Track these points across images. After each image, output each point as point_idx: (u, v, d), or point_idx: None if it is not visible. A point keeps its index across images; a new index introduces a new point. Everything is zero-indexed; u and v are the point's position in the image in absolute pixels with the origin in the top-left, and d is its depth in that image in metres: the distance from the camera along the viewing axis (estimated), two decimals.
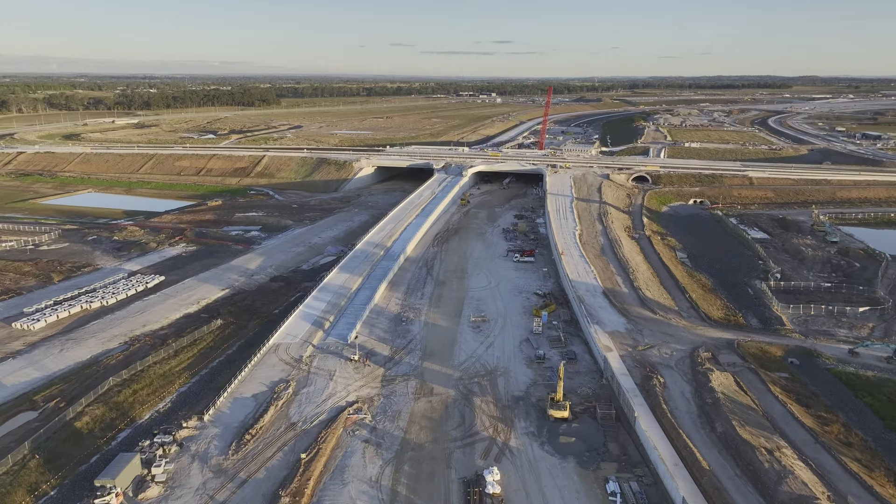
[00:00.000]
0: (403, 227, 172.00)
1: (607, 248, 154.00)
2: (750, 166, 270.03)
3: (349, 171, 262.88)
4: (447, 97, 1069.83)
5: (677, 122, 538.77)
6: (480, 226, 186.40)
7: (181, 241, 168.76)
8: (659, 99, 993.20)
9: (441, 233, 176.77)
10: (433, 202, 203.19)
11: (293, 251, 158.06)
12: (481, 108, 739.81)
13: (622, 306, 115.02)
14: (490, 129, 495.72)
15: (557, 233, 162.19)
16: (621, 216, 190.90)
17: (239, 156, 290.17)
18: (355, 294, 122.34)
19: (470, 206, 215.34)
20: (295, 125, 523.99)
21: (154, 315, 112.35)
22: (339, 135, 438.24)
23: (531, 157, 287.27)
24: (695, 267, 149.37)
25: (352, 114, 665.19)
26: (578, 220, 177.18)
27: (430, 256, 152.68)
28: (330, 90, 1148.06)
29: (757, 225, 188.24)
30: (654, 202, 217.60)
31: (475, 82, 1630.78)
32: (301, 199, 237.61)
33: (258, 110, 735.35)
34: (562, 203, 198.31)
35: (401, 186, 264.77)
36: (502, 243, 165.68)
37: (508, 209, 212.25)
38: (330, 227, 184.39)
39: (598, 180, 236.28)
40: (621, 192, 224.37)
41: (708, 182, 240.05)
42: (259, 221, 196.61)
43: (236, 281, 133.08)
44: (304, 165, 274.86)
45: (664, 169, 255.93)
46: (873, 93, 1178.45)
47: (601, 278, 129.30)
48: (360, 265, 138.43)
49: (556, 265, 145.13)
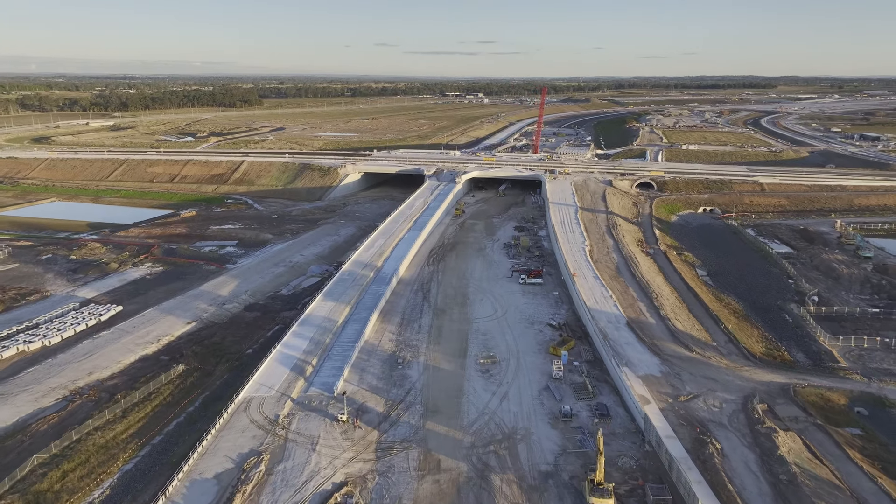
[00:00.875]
0: (395, 243, 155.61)
1: (623, 267, 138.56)
2: (757, 171, 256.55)
3: (334, 177, 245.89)
4: (433, 98, 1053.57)
5: (670, 124, 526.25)
6: (479, 240, 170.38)
7: (147, 261, 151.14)
8: (647, 99, 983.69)
9: (436, 248, 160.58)
10: (426, 213, 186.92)
11: (272, 272, 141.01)
12: (469, 109, 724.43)
13: (651, 341, 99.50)
14: (480, 131, 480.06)
15: (566, 249, 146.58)
16: (631, 228, 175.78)
17: (216, 161, 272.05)
18: (342, 328, 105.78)
19: (465, 217, 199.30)
20: (277, 127, 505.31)
21: (104, 359, 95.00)
22: (324, 137, 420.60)
23: (527, 161, 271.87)
24: (719, 287, 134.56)
25: (336, 115, 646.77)
26: (586, 234, 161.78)
27: (426, 278, 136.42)
28: (314, 90, 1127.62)
29: (777, 237, 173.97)
30: (662, 211, 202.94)
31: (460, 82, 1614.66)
32: (282, 209, 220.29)
33: (240, 111, 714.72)
34: (565, 214, 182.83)
35: (389, 194, 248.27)
36: (504, 261, 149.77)
37: (507, 220, 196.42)
38: (313, 243, 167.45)
39: (600, 187, 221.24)
40: (626, 200, 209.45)
41: (717, 189, 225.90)
42: (236, 235, 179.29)
43: (205, 311, 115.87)
44: (285, 172, 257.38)
45: (669, 174, 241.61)
46: (857, 93, 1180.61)
47: (622, 305, 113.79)
48: (348, 290, 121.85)
49: (567, 287, 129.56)
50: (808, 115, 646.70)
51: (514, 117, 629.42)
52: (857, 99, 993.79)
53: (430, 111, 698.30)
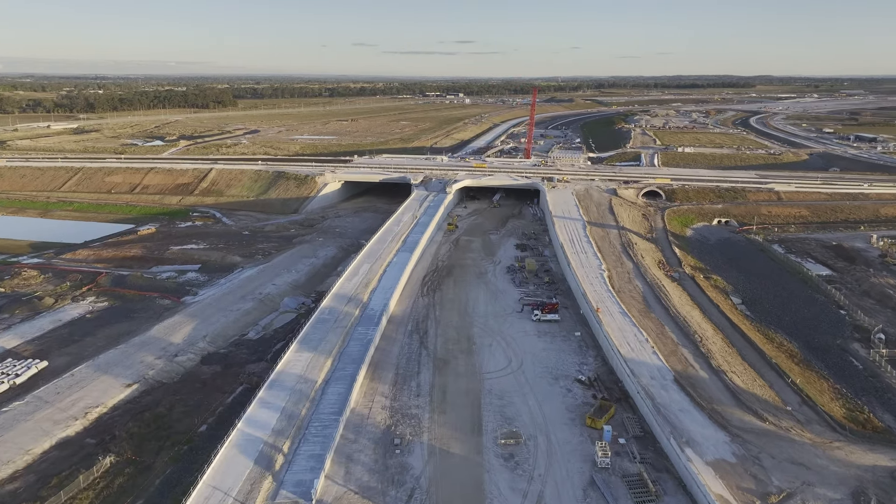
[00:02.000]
0: (382, 269, 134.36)
1: (651, 299, 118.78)
2: (768, 177, 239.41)
3: (311, 187, 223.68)
4: (413, 98, 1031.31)
5: (659, 125, 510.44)
6: (477, 261, 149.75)
7: (91, 293, 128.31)
8: (630, 99, 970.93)
9: (430, 274, 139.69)
10: (416, 230, 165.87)
11: (238, 308, 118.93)
12: (451, 110, 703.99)
13: (711, 406, 79.64)
14: (464, 133, 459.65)
15: (581, 276, 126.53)
16: (648, 246, 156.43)
17: (181, 169, 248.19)
18: (322, 391, 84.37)
19: (459, 233, 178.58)
20: (252, 129, 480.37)
21: (6, 447, 72.57)
22: (300, 140, 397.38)
23: (521, 168, 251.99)
24: (761, 319, 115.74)
25: (314, 116, 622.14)
26: (600, 255, 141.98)
27: (421, 313, 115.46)
28: (291, 91, 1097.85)
29: (809, 254, 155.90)
30: (675, 224, 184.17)
31: (440, 82, 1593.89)
32: (254, 224, 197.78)
33: (213, 113, 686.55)
34: (573, 229, 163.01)
35: (373, 204, 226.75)
36: (510, 289, 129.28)
37: (506, 235, 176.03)
38: (288, 268, 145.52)
39: (605, 197, 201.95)
40: (635, 211, 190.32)
41: (730, 198, 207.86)
42: (199, 258, 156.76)
43: (151, 367, 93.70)
44: (257, 181, 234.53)
45: (677, 182, 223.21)
46: (834, 92, 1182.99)
47: (663, 353, 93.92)
48: (328, 335, 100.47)
49: (589, 324, 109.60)
50: (795, 115, 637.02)
51: (498, 118, 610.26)
52: (837, 98, 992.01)
53: (412, 112, 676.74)
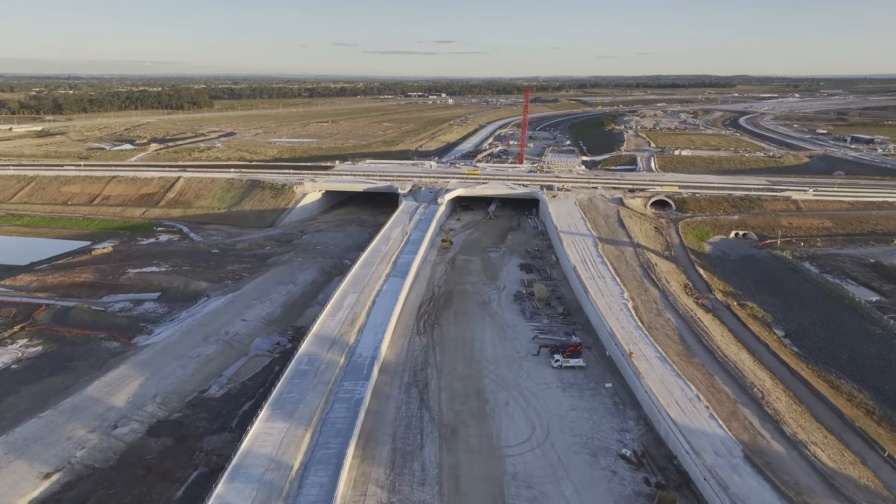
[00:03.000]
0: (371, 299, 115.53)
1: (688, 337, 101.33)
2: (780, 183, 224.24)
3: (289, 197, 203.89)
4: (395, 98, 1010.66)
5: (650, 126, 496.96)
6: (478, 287, 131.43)
7: (23, 334, 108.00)
8: (614, 99, 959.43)
9: (426, 303, 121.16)
10: (407, 249, 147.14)
11: (199, 354, 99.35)
12: (434, 110, 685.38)
13: (802, 500, 62.15)
14: (450, 135, 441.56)
15: (602, 306, 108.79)
16: (669, 267, 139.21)
17: (146, 178, 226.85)
18: (299, 482, 65.33)
19: (455, 250, 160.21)
20: (227, 132, 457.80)
21: None
22: (278, 144, 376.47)
23: (516, 174, 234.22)
24: (811, 356, 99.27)
25: (293, 117, 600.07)
26: (619, 279, 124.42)
27: (419, 358, 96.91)
28: (269, 91, 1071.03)
29: (846, 274, 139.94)
30: (691, 238, 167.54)
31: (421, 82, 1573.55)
32: (224, 240, 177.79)
33: (187, 114, 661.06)
34: (583, 247, 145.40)
35: (357, 216, 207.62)
36: (520, 323, 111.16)
37: (507, 253, 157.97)
38: (261, 297, 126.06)
39: (612, 208, 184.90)
40: (647, 224, 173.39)
41: (745, 207, 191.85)
42: (159, 284, 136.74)
43: (83, 443, 73.99)
44: (230, 191, 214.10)
45: (686, 189, 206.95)
46: (814, 92, 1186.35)
47: (721, 414, 76.33)
48: (308, 394, 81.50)
49: (619, 370, 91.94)
50: (783, 115, 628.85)
51: (483, 119, 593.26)
52: (819, 98, 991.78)
53: (394, 113, 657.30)
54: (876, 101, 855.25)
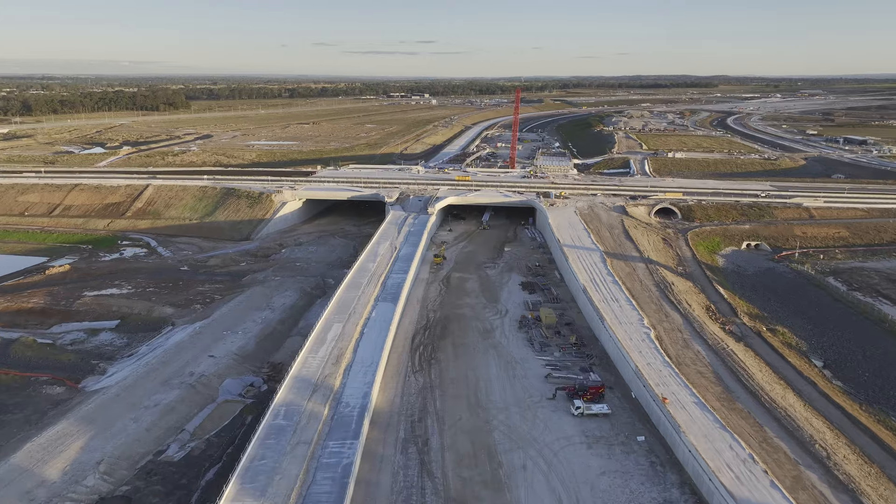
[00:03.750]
0: (358, 329, 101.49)
1: (724, 374, 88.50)
2: (787, 189, 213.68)
3: (267, 207, 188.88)
4: (377, 99, 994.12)
5: (639, 127, 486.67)
6: (478, 311, 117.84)
7: None
8: (598, 100, 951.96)
9: (420, 332, 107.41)
10: (397, 267, 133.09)
11: (157, 402, 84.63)
12: (418, 111, 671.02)
13: None
14: (435, 137, 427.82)
15: (622, 337, 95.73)
16: (686, 286, 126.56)
17: (112, 185, 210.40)
18: None
19: (448, 267, 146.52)
20: (204, 134, 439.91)
21: None
22: (257, 147, 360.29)
23: (509, 180, 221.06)
24: (860, 393, 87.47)
25: (273, 119, 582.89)
26: (636, 302, 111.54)
27: (416, 405, 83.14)
28: (249, 91, 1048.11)
29: (877, 291, 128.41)
30: (702, 250, 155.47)
31: (402, 82, 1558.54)
32: (196, 255, 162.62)
33: (163, 116, 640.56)
34: (590, 263, 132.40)
35: (340, 227, 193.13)
36: (529, 357, 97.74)
37: (506, 269, 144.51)
38: (233, 325, 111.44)
39: (614, 218, 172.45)
40: (654, 236, 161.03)
41: (755, 216, 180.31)
42: (119, 309, 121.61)
43: None
44: (202, 200, 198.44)
45: (691, 197, 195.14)
46: (794, 92, 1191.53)
47: (784, 482, 63.41)
48: (284, 461, 67.34)
49: (649, 418, 78.93)
50: (770, 115, 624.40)
51: (468, 120, 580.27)
52: (801, 98, 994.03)
53: (377, 114, 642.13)
54: (857, 102, 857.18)
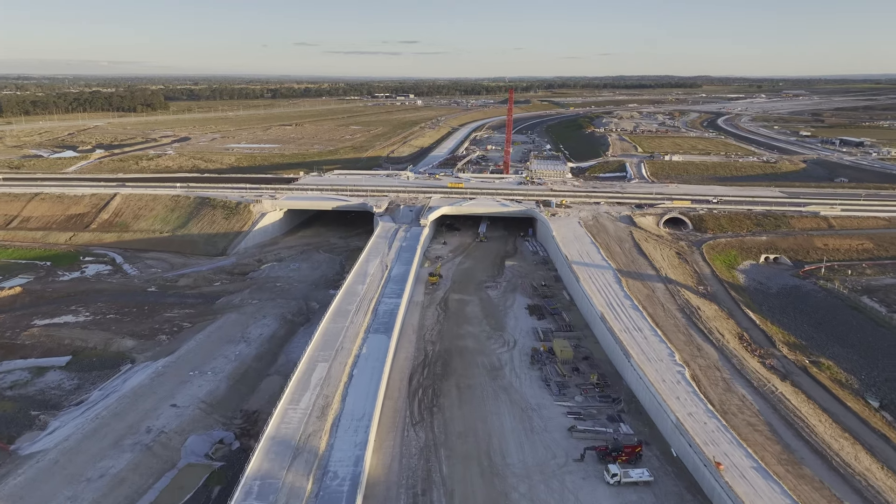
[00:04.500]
0: (347, 371, 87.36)
1: (781, 427, 75.33)
2: (799, 195, 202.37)
3: (245, 218, 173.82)
4: (361, 99, 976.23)
5: (630, 128, 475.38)
6: (483, 343, 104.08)
7: None
8: (585, 100, 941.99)
9: (419, 371, 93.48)
10: (389, 288, 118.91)
11: (104, 471, 69.88)
12: (403, 112, 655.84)
13: None
14: (423, 139, 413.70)
15: (655, 379, 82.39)
16: (712, 310, 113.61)
17: (76, 195, 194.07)
18: None
19: (445, 287, 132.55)
20: (181, 137, 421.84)
21: None
22: (237, 150, 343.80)
23: (505, 187, 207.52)
24: None
25: (254, 120, 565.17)
26: (661, 333, 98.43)
27: (418, 473, 69.11)
28: (230, 92, 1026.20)
29: None
30: (719, 265, 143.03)
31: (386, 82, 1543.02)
32: (165, 274, 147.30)
33: (140, 117, 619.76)
34: (604, 284, 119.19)
35: (325, 239, 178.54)
36: (547, 403, 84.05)
37: (509, 289, 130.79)
38: (202, 364, 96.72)
39: (622, 229, 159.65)
40: (668, 250, 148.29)
41: (771, 226, 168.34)
42: (72, 342, 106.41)
43: None
44: (175, 210, 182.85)
45: (699, 204, 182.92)
46: (777, 93, 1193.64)
47: None
48: None
49: (699, 486, 65.69)
50: (760, 116, 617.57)
51: (455, 121, 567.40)
52: (787, 99, 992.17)
53: (361, 115, 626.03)
54: (843, 102, 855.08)
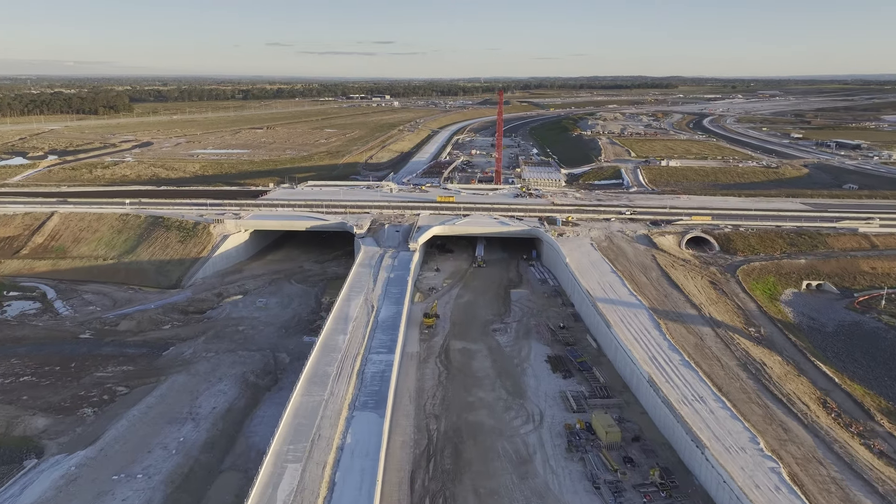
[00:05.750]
0: (327, 477, 64.12)
1: None
2: (826, 208, 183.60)
3: (204, 241, 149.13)
4: (336, 100, 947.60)
5: (617, 130, 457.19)
6: (500, 415, 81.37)
7: None
8: (564, 101, 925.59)
9: (422, 467, 70.57)
10: (377, 340, 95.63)
11: None
12: (380, 114, 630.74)
13: None
14: (402, 143, 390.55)
15: (743, 483, 60.72)
16: (777, 363, 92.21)
17: (6, 214, 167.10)
18: None
19: (444, 332, 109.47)
20: (144, 141, 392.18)
21: None
22: (203, 156, 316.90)
23: (501, 200, 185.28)
24: None
25: (223, 123, 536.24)
26: (727, 401, 76.72)
27: None
28: (200, 93, 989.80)
29: None
30: (760, 295, 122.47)
31: (361, 83, 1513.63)
32: (104, 314, 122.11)
33: (101, 120, 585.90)
34: (639, 329, 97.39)
35: (297, 264, 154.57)
36: None
37: (521, 334, 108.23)
38: (132, 461, 72.65)
39: (642, 252, 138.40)
40: (700, 279, 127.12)
41: (806, 246, 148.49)
42: None
43: None
44: (122, 232, 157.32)
45: (722, 220, 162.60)
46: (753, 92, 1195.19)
47: None
48: None
49: None
50: (745, 117, 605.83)
51: (435, 124, 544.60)
52: (764, 99, 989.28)
53: (336, 117, 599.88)
54: (820, 103, 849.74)
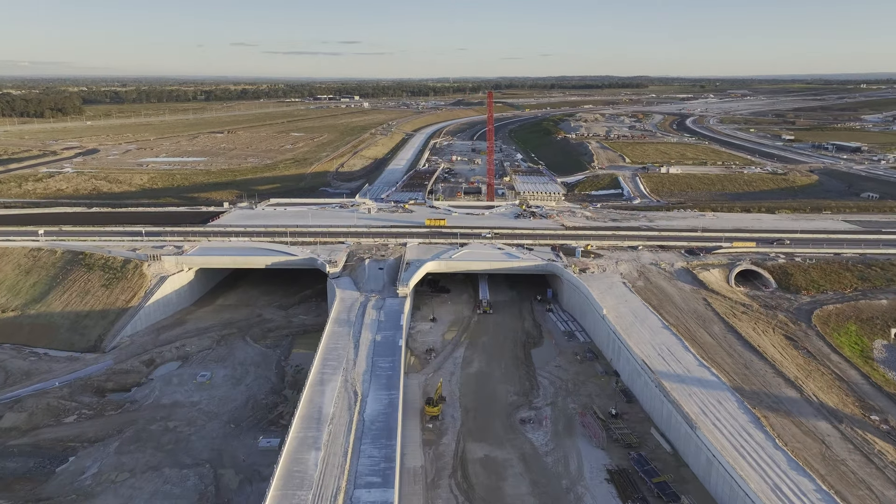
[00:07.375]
0: None
1: None
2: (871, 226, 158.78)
3: (136, 285, 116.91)
4: (303, 101, 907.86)
5: (602, 133, 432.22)
6: None
7: None
8: (539, 101, 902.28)
9: None
10: (364, 459, 65.62)
11: None
12: (350, 116, 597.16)
13: None
14: (376, 149, 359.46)
15: None
16: None
17: None
18: None
19: (455, 427, 79.66)
20: (89, 148, 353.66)
21: None
22: (153, 166, 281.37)
23: (500, 224, 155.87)
24: None
25: (181, 126, 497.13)
26: None
27: None
28: (159, 94, 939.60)
29: None
30: (848, 351, 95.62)
31: (328, 83, 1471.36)
32: None
33: (46, 124, 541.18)
34: (734, 428, 69.07)
35: (256, 312, 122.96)
36: None
37: (560, 427, 78.84)
38: None
39: (689, 295, 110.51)
40: (771, 332, 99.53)
41: (880, 280, 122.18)
42: None
43: None
44: (31, 272, 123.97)
45: (772, 250, 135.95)
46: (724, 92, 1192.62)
47: None
48: None
49: None
50: (727, 118, 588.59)
51: (409, 126, 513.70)
52: (736, 99, 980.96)
53: (303, 119, 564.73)
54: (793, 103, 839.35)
